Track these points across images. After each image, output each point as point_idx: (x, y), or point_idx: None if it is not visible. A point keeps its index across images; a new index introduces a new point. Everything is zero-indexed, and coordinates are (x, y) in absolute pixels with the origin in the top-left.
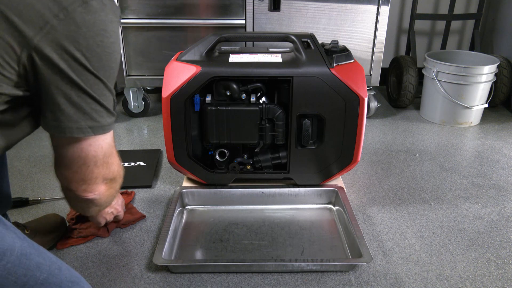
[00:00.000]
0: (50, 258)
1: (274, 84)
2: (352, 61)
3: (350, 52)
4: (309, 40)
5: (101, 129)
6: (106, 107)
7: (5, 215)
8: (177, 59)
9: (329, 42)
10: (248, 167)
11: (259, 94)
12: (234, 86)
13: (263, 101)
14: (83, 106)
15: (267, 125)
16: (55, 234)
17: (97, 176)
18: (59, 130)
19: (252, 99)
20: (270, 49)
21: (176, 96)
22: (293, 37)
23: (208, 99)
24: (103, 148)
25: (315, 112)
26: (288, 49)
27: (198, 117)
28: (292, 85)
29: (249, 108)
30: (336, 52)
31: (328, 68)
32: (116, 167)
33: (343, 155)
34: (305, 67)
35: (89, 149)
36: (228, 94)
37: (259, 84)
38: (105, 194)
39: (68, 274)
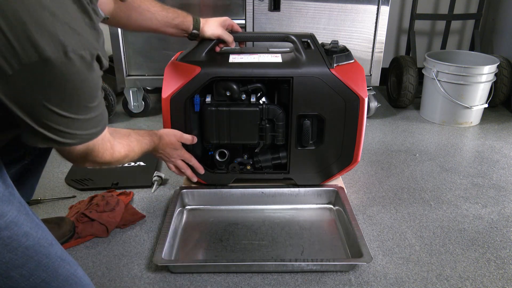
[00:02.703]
0: (44, 234)
1: (274, 85)
2: (352, 61)
3: (350, 52)
4: (309, 40)
5: (62, 144)
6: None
7: None
8: (177, 59)
9: (329, 42)
10: (248, 167)
11: (259, 94)
12: (234, 87)
13: (263, 102)
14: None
15: (267, 125)
16: (61, 232)
17: (77, 162)
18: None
19: (252, 100)
20: (270, 49)
21: (176, 96)
22: (293, 37)
23: (208, 99)
24: (72, 151)
25: (315, 113)
26: (288, 49)
27: (198, 117)
28: (292, 86)
29: (249, 108)
30: (336, 52)
31: (328, 69)
32: (96, 158)
33: (343, 155)
34: (305, 67)
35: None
36: (228, 94)
37: (259, 85)
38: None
39: (60, 252)
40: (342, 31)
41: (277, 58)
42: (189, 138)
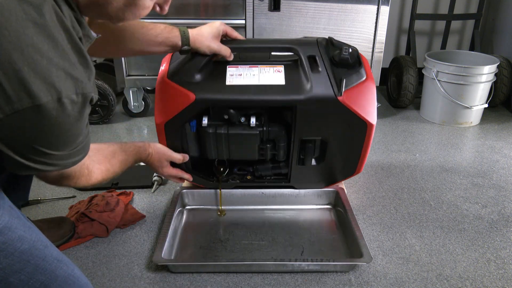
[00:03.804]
0: (38, 236)
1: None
2: (364, 78)
3: (362, 67)
4: (316, 56)
5: (42, 171)
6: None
7: (18, 208)
8: (168, 76)
9: (341, 47)
10: (249, 177)
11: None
12: (232, 112)
13: (264, 122)
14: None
15: (268, 145)
16: (61, 232)
17: (58, 183)
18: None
19: (252, 123)
20: (272, 54)
21: (171, 123)
22: (297, 50)
23: (205, 121)
24: (48, 175)
25: (319, 137)
26: (292, 53)
27: (195, 135)
28: (295, 113)
29: (249, 132)
30: (348, 65)
31: (336, 96)
32: (70, 182)
33: (346, 168)
34: (310, 93)
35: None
36: (226, 117)
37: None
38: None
39: (56, 253)
40: (342, 31)
41: (279, 76)
42: (179, 158)
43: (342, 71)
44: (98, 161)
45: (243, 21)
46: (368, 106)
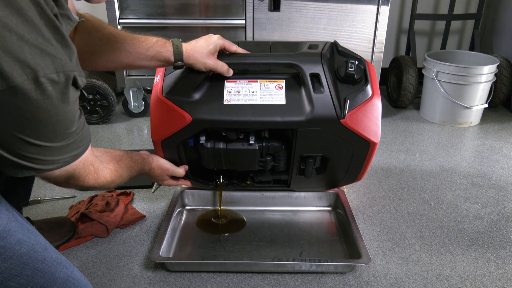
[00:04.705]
0: (37, 238)
1: None
2: (369, 97)
3: (368, 83)
4: (320, 75)
5: (40, 171)
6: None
7: (19, 208)
8: (163, 92)
9: (346, 57)
10: (248, 182)
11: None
12: (231, 132)
13: (263, 137)
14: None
15: (268, 158)
16: (61, 232)
17: (65, 184)
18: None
19: (251, 139)
20: (272, 65)
21: (167, 141)
22: (300, 66)
23: (203, 139)
24: (51, 175)
25: (320, 154)
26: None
27: (193, 148)
28: (296, 133)
29: (247, 148)
30: (353, 81)
31: (338, 119)
32: (78, 182)
33: (347, 177)
34: (311, 115)
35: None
36: (224, 134)
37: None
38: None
39: (55, 256)
40: (342, 31)
41: (280, 94)
42: (181, 173)
43: (347, 87)
44: (106, 161)
45: (243, 21)
46: (372, 125)
